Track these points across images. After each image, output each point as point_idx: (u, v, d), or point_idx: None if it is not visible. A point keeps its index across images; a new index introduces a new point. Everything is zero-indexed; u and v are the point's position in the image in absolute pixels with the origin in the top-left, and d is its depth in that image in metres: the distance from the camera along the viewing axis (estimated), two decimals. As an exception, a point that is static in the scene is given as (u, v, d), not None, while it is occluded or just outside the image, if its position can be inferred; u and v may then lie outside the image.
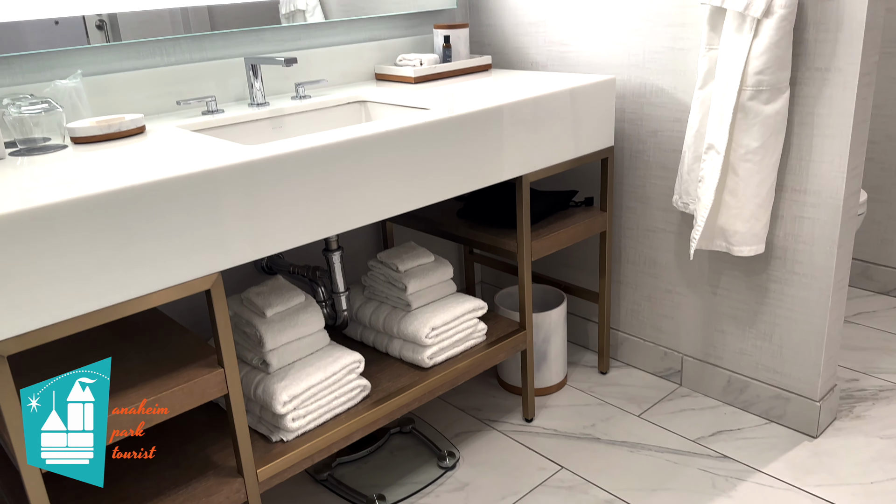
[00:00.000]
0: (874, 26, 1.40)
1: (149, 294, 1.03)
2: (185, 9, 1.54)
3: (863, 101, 1.45)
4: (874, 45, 1.43)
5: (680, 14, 1.63)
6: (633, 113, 1.80)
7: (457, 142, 1.40)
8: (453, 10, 2.05)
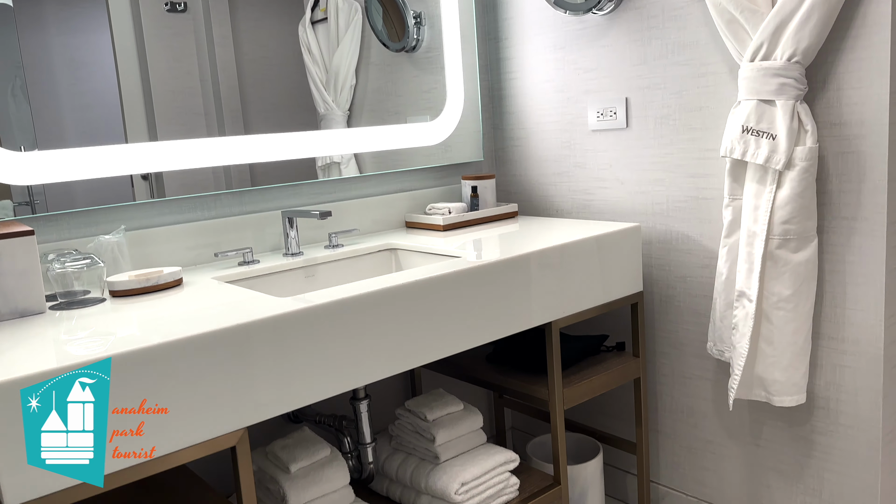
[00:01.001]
0: (897, 177, 1.43)
1: (173, 453, 1.01)
2: (227, 167, 1.63)
3: (894, 249, 1.45)
4: (899, 195, 1.44)
5: (701, 165, 1.68)
6: (660, 259, 1.81)
7: (486, 289, 1.41)
8: (480, 162, 2.14)
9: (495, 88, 2.13)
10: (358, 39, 1.87)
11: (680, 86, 1.68)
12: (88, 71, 1.47)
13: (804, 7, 1.37)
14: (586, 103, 1.88)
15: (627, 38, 1.76)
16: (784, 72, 1.42)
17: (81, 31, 1.46)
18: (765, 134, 1.46)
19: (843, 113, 1.43)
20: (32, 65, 1.39)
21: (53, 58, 1.42)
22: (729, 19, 1.49)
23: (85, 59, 1.46)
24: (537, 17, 1.95)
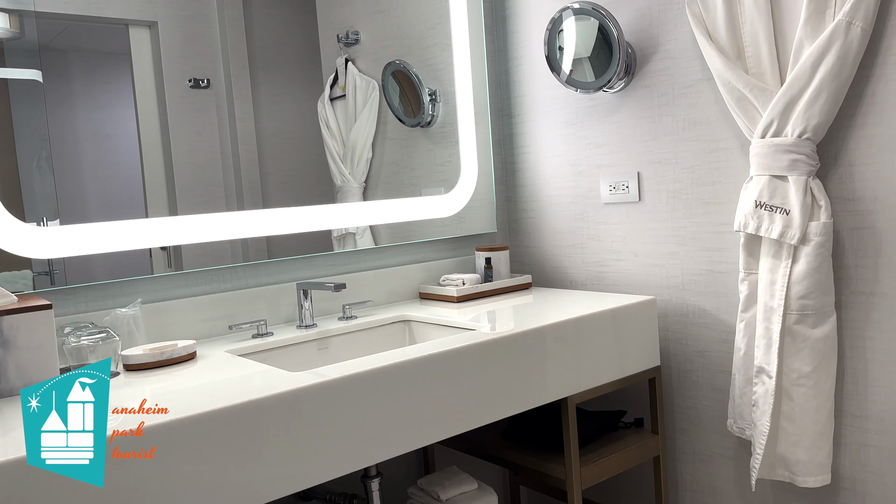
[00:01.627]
0: (914, 252, 1.42)
1: (181, 534, 0.99)
2: (245, 239, 1.65)
3: (915, 325, 1.42)
4: (917, 270, 1.43)
5: (715, 239, 1.68)
6: (677, 332, 1.79)
7: (501, 363, 1.40)
8: (494, 234, 2.16)
9: (508, 162, 2.16)
10: (375, 115, 1.92)
11: (692, 161, 1.70)
12: (112, 143, 1.51)
13: (813, 85, 1.40)
14: (598, 177, 1.91)
15: (638, 115, 1.79)
16: (795, 148, 1.44)
17: (107, 105, 1.51)
18: (778, 209, 1.46)
19: (856, 189, 1.44)
20: (59, 137, 1.44)
21: (79, 130, 1.46)
22: (739, 97, 1.52)
23: (109, 132, 1.51)
24: (548, 94, 2.00)
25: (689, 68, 1.67)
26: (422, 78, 1.99)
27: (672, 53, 1.70)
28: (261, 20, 1.69)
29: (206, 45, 1.62)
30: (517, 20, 2.06)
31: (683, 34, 1.67)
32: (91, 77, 1.48)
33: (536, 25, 2.00)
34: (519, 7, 2.05)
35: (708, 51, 1.56)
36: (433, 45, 2.02)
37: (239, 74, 1.66)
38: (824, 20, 1.39)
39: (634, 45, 1.77)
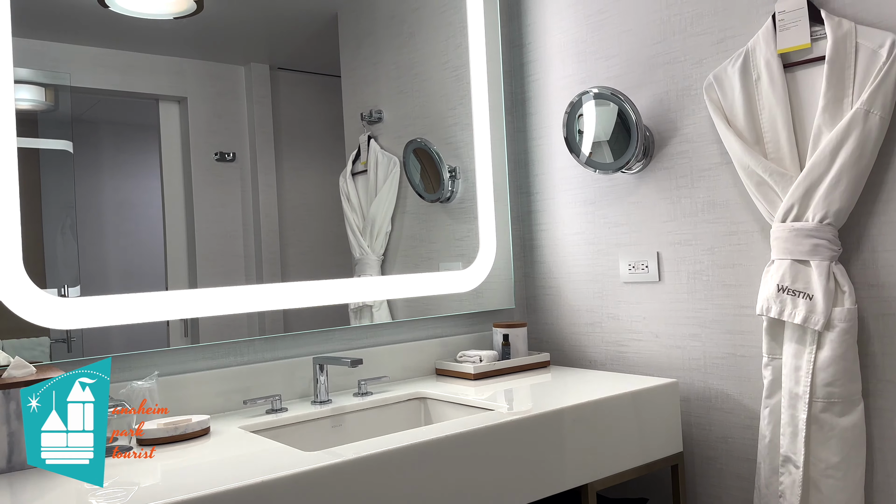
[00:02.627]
0: (942, 341, 1.39)
1: None
2: (262, 313, 1.66)
3: (947, 416, 1.38)
4: (946, 359, 1.40)
5: (737, 322, 1.66)
6: (699, 417, 1.75)
7: (518, 446, 1.36)
8: (512, 310, 2.14)
9: (527, 238, 2.17)
10: (395, 190, 1.95)
11: (711, 243, 1.70)
12: (136, 212, 1.54)
13: (833, 171, 1.40)
14: (617, 256, 1.90)
15: (657, 196, 1.80)
16: (817, 233, 1.43)
17: (133, 175, 1.55)
18: (801, 294, 1.45)
19: (879, 275, 1.42)
20: (84, 205, 1.47)
21: (105, 199, 1.50)
22: (758, 181, 1.53)
23: (134, 202, 1.54)
24: (567, 173, 2.02)
25: (707, 152, 1.69)
26: (442, 155, 2.03)
27: (690, 137, 1.72)
28: (287, 97, 1.75)
29: (234, 120, 1.67)
30: (536, 102, 2.11)
31: (701, 119, 1.69)
32: (119, 148, 1.53)
33: (555, 107, 2.05)
34: (538, 90, 2.11)
35: (727, 135, 1.58)
36: (454, 124, 2.06)
37: (264, 149, 1.70)
38: (842, 108, 1.41)
39: (652, 128, 1.80)
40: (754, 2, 1.58)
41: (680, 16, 1.73)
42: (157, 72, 1.56)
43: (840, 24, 1.41)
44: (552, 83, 2.06)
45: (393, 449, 1.20)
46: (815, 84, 1.46)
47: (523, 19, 2.14)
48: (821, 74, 1.43)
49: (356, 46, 1.89)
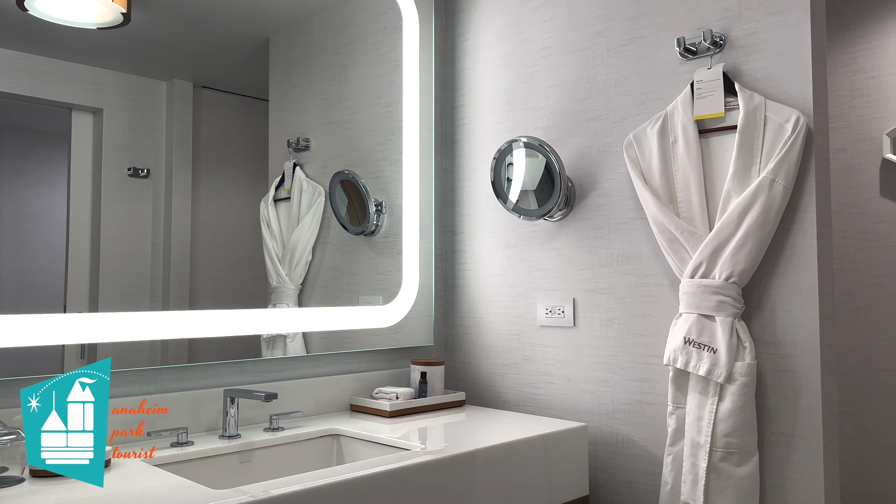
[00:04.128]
0: (830, 396, 1.49)
1: None
2: (165, 341, 1.59)
3: (831, 468, 1.48)
4: (833, 414, 1.50)
5: (645, 369, 1.73)
6: (605, 461, 1.80)
7: (428, 489, 1.36)
8: (430, 347, 2.15)
9: (449, 277, 2.19)
10: (318, 220, 1.93)
11: (624, 293, 1.77)
12: (37, 224, 1.46)
13: (739, 234, 1.50)
14: (536, 299, 1.95)
15: (576, 245, 1.87)
16: (722, 290, 1.52)
17: (36, 184, 1.47)
18: (706, 347, 1.52)
19: (777, 333, 1.52)
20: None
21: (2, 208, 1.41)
22: (670, 238, 1.61)
23: (36, 213, 1.46)
24: (492, 216, 2.07)
25: (624, 206, 1.77)
26: (369, 189, 2.04)
27: (609, 191, 1.81)
28: (210, 117, 1.71)
29: (151, 135, 1.61)
30: (465, 144, 2.16)
31: (620, 175, 1.78)
32: (24, 155, 1.45)
33: (483, 151, 2.10)
34: (468, 133, 2.15)
35: (643, 193, 1.66)
36: (382, 159, 2.08)
37: (181, 167, 1.66)
38: (750, 175, 1.52)
39: (574, 179, 1.87)
40: (675, 69, 1.69)
41: (605, 76, 1.82)
42: (73, 80, 1.50)
43: (752, 97, 1.53)
44: (482, 128, 2.11)
45: (304, 489, 1.17)
46: (727, 151, 1.56)
47: (457, 64, 2.20)
48: (732, 142, 1.54)
49: (286, 73, 1.88)
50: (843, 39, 2.26)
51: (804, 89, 1.50)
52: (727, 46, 1.60)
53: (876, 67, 2.19)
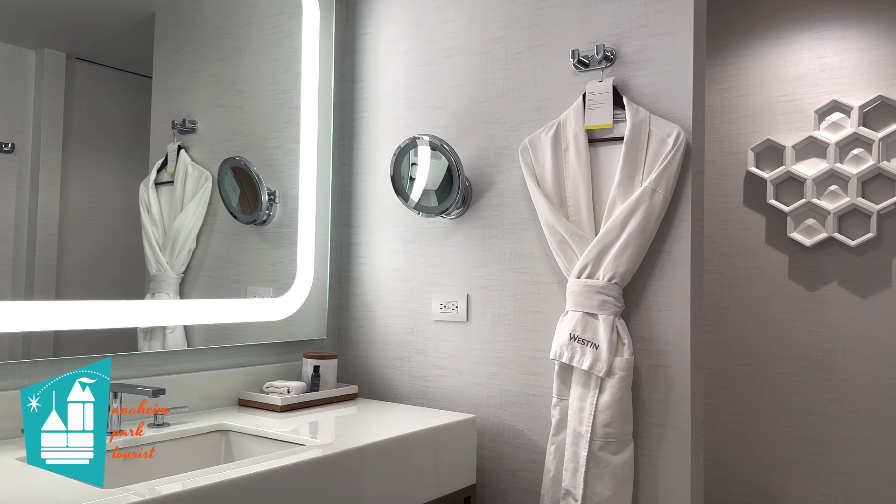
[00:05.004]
0: (697, 390, 1.63)
1: None
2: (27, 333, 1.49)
3: (697, 455, 1.62)
4: (699, 405, 1.64)
5: (532, 363, 1.81)
6: (492, 451, 1.87)
7: (320, 483, 1.37)
8: (323, 340, 2.14)
9: (344, 270, 2.19)
10: (205, 206, 1.87)
11: (516, 290, 1.84)
12: None
13: (622, 238, 1.61)
14: (430, 294, 1.99)
15: (471, 242, 1.92)
16: (605, 290, 1.62)
17: None
18: (589, 343, 1.62)
19: (653, 330, 1.65)
20: None
21: None
22: (560, 240, 1.70)
23: None
24: (389, 211, 2.08)
25: (518, 208, 1.84)
26: (262, 177, 1.99)
27: (504, 192, 1.87)
28: (85, 91, 1.61)
29: (16, 108, 1.50)
30: (364, 138, 2.16)
31: (515, 177, 1.85)
32: None
33: (382, 146, 2.11)
34: (367, 127, 2.15)
35: (536, 196, 1.74)
36: (276, 147, 2.04)
37: (50, 143, 1.55)
38: (634, 184, 1.63)
39: (472, 179, 1.92)
40: (569, 80, 1.77)
41: (504, 81, 1.88)
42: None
43: (638, 111, 1.63)
44: (381, 122, 2.12)
45: (194, 488, 1.14)
46: (614, 160, 1.67)
47: (357, 56, 2.19)
48: (619, 153, 1.64)
49: (173, 51, 1.80)
50: (717, 59, 2.45)
51: (685, 107, 1.62)
52: (617, 61, 1.70)
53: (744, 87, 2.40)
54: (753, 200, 2.36)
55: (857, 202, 2.14)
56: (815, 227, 2.22)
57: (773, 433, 2.28)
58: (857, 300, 2.16)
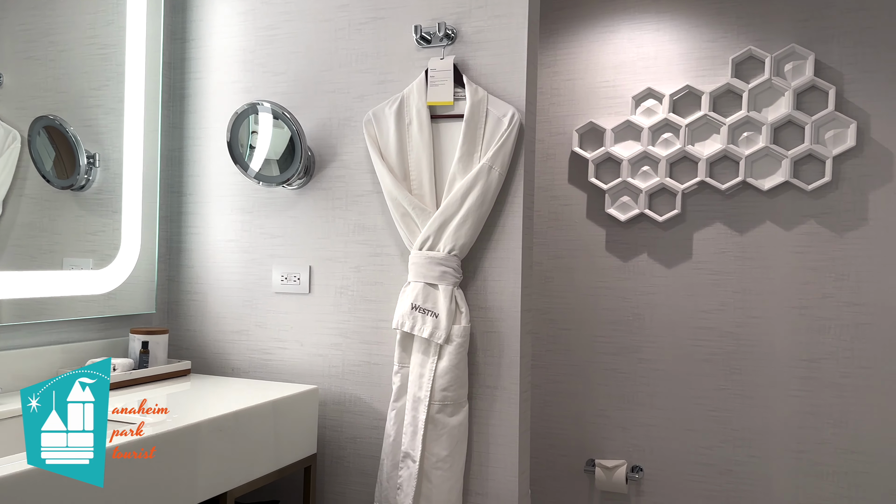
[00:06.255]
0: (526, 353, 1.75)
1: None
2: None
3: (524, 414, 1.75)
4: (527, 368, 1.77)
5: (375, 333, 1.85)
6: (333, 420, 1.89)
7: (153, 463, 1.32)
8: (151, 315, 2.03)
9: (174, 241, 2.08)
10: (12, 169, 1.70)
11: (358, 262, 1.86)
12: None
13: (461, 212, 1.68)
14: (271, 266, 1.96)
15: (314, 214, 1.91)
16: (445, 262, 1.69)
17: None
18: (430, 312, 1.69)
19: (487, 299, 1.74)
20: None
21: None
22: (403, 213, 1.73)
23: None
24: (225, 179, 2.00)
25: (362, 180, 1.85)
26: (80, 139, 1.83)
27: (347, 164, 1.87)
28: None
29: None
30: (197, 100, 2.05)
31: (359, 149, 1.85)
32: None
33: (217, 111, 2.01)
34: (200, 89, 2.04)
35: (380, 169, 1.76)
36: (96, 106, 1.88)
37: None
38: (472, 161, 1.70)
39: (314, 149, 1.90)
40: (412, 55, 1.80)
41: (347, 51, 1.87)
42: None
43: (477, 90, 1.70)
44: (216, 85, 2.02)
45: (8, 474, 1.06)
46: (455, 137, 1.73)
47: (189, 13, 2.06)
48: (459, 130, 1.70)
49: (-29, -6, 1.60)
50: (548, 43, 2.59)
51: (519, 88, 1.71)
52: (458, 40, 1.75)
53: (572, 71, 2.56)
54: (577, 178, 2.55)
55: (665, 182, 2.38)
56: (629, 203, 2.45)
57: (591, 391, 2.51)
58: (664, 270, 2.42)
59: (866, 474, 2.15)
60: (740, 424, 2.30)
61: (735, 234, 2.32)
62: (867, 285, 2.16)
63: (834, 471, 2.18)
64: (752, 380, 2.28)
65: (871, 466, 2.15)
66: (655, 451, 2.41)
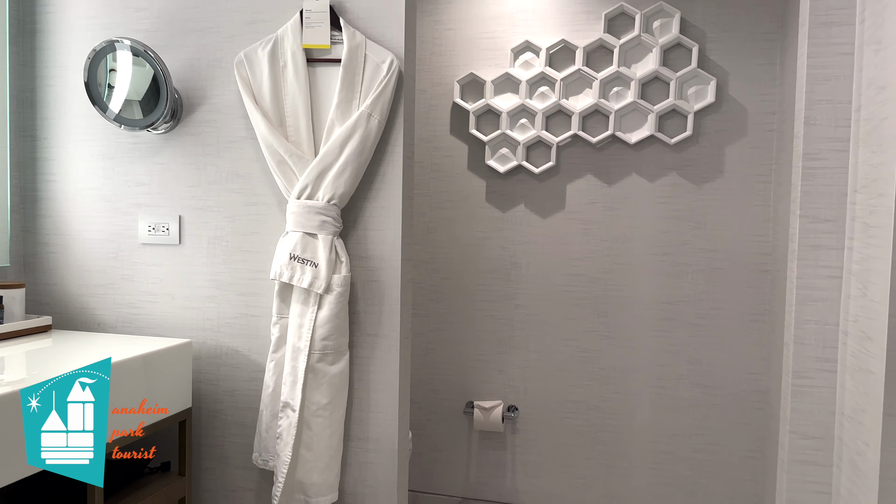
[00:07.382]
0: (406, 301, 1.78)
1: None
2: None
3: (405, 360, 1.78)
4: (408, 315, 1.80)
5: (251, 285, 1.81)
6: (209, 374, 1.85)
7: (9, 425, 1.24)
8: (6, 268, 1.88)
9: (29, 189, 1.92)
10: None
11: (233, 211, 1.80)
12: None
13: (340, 161, 1.65)
14: (137, 216, 1.86)
15: (183, 160, 1.82)
16: (324, 211, 1.67)
17: None
18: (309, 262, 1.67)
19: (368, 248, 1.74)
20: None
21: None
22: (279, 160, 1.69)
23: None
24: (84, 122, 1.87)
25: (234, 125, 1.78)
26: (-89, 74, 1.65)
27: (219, 108, 1.79)
28: None
29: None
30: (50, 37, 1.88)
31: (231, 92, 1.78)
32: None
33: (74, 48, 1.86)
34: (53, 24, 1.87)
35: (253, 113, 1.70)
36: (-71, 37, 1.69)
37: None
38: (351, 108, 1.67)
39: (182, 92, 1.80)
40: (287, -5, 1.73)
41: (217, -13, 1.77)
42: None
43: (354, 35, 1.66)
44: (72, 20, 1.86)
45: None
46: (332, 82, 1.69)
47: (36, -63, 1.87)
48: (337, 75, 1.67)
49: None
50: (429, -9, 2.56)
51: (398, 35, 1.69)
52: (336, -19, 1.70)
53: (453, 21, 2.55)
54: (458, 130, 2.57)
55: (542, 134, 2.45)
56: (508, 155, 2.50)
57: (471, 337, 2.59)
58: (539, 220, 2.50)
59: (716, 406, 2.37)
60: (607, 363, 2.46)
61: (604, 185, 2.43)
62: (721, 233, 2.35)
63: (689, 404, 2.39)
64: (618, 322, 2.44)
65: (721, 399, 2.37)
66: (530, 391, 2.54)
